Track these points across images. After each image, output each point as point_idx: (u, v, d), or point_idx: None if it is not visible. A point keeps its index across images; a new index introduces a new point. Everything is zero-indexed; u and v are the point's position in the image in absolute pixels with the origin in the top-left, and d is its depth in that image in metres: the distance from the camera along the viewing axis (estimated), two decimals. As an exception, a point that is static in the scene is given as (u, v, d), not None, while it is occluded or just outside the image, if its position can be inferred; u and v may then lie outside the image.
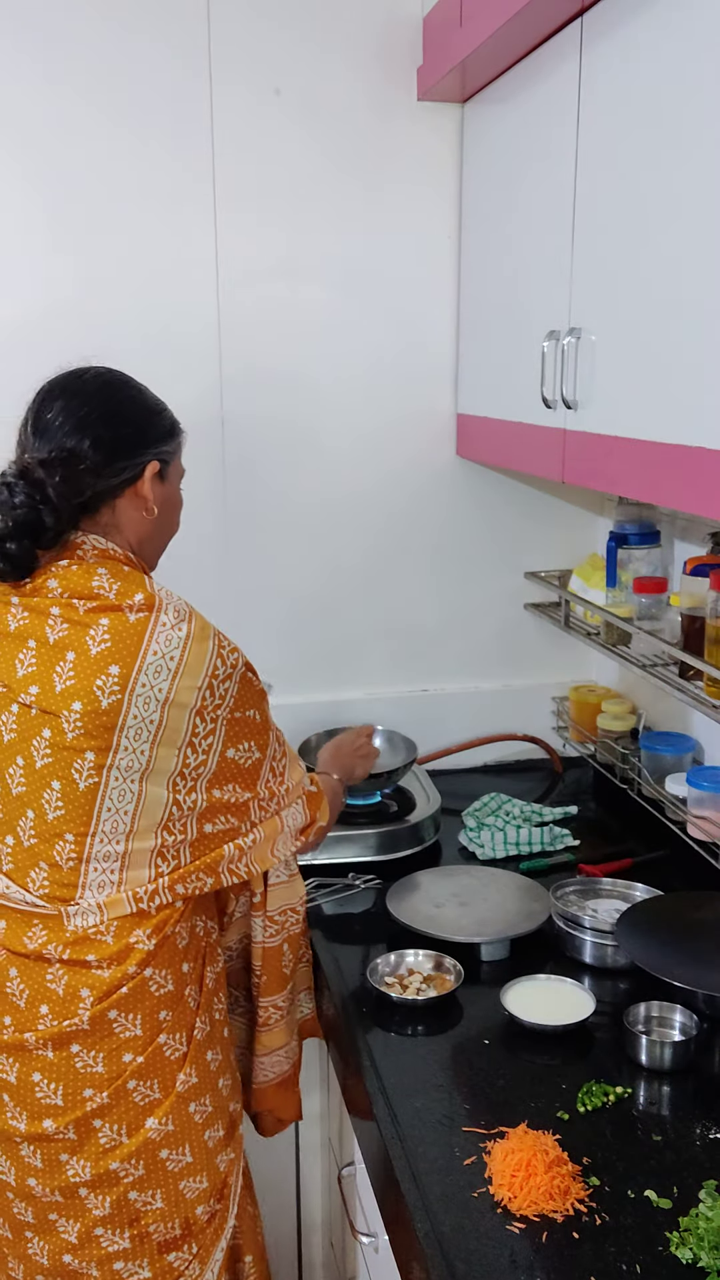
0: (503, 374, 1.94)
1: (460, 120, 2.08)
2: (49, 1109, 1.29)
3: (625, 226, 1.44)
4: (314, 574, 2.23)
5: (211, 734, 1.26)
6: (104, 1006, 1.27)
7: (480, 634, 2.36)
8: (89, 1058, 1.28)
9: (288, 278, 2.08)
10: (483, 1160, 1.24)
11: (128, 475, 1.32)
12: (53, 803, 1.24)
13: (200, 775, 1.27)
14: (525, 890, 1.78)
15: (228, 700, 1.27)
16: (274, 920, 1.50)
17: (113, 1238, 1.32)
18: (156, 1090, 1.32)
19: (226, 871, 1.32)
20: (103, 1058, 1.29)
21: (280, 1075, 1.58)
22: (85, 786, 1.23)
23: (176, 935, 1.32)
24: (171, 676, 1.22)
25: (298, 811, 1.39)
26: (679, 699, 1.73)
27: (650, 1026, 1.46)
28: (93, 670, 1.21)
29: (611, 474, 1.51)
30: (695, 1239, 1.10)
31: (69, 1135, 1.29)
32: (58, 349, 1.97)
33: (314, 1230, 1.94)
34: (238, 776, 1.30)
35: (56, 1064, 1.28)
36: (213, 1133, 1.38)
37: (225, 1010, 1.44)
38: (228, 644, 1.28)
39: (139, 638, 1.22)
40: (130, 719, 1.21)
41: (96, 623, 1.23)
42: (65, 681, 1.22)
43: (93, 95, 1.92)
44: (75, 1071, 1.28)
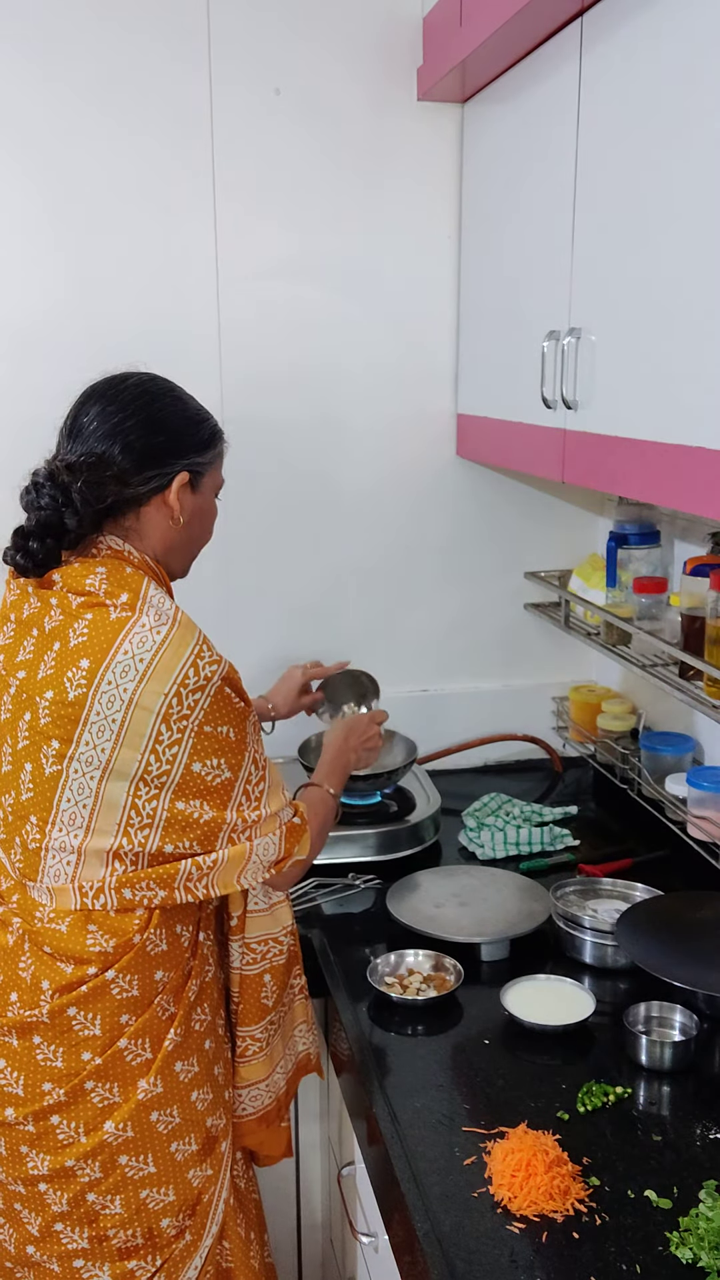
0: (503, 374, 1.94)
1: (460, 120, 2.08)
2: (11, 1098, 1.30)
3: (625, 226, 1.44)
4: (314, 574, 2.23)
5: (177, 743, 1.23)
6: (63, 1001, 1.27)
7: (480, 634, 2.36)
8: (49, 1051, 1.29)
9: (288, 278, 2.08)
10: (483, 1160, 1.24)
11: (156, 484, 1.33)
12: (25, 784, 1.26)
13: (164, 784, 1.24)
14: (525, 890, 1.78)
15: (197, 711, 1.23)
16: (252, 949, 1.45)
17: (71, 1235, 1.31)
18: (116, 1094, 1.29)
19: (182, 888, 1.27)
20: (62, 1053, 1.29)
21: (260, 1110, 1.50)
22: (49, 773, 1.24)
23: (148, 942, 1.29)
24: (139, 678, 1.21)
25: (271, 843, 1.31)
26: (679, 699, 1.73)
27: (650, 1026, 1.46)
28: (66, 662, 1.23)
29: (611, 474, 1.51)
30: (695, 1239, 1.10)
31: (28, 1127, 1.29)
32: (58, 349, 2.00)
33: (314, 1230, 1.93)
34: (204, 793, 1.25)
35: (19, 1053, 1.29)
36: (182, 1146, 1.34)
37: (212, 1024, 1.40)
38: (209, 655, 1.25)
39: (114, 635, 1.22)
40: (93, 715, 1.21)
41: (81, 616, 1.25)
42: (47, 670, 1.24)
43: (93, 95, 1.92)
44: (36, 1063, 1.29)
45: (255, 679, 2.23)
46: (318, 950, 1.70)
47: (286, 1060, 1.55)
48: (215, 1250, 1.40)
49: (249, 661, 2.23)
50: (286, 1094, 1.55)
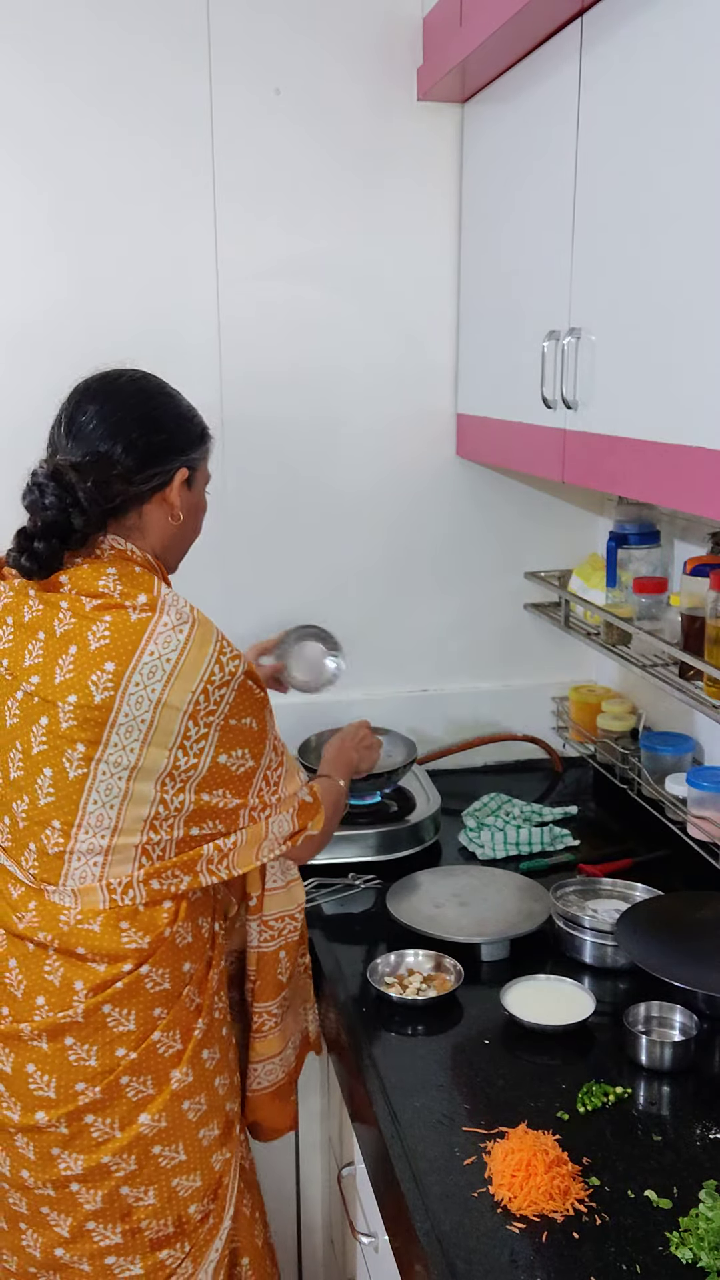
0: (503, 374, 1.94)
1: (460, 120, 2.08)
2: (42, 1101, 1.29)
3: (625, 226, 1.44)
4: (313, 574, 2.23)
5: (204, 738, 1.26)
6: (98, 1000, 1.28)
7: (480, 634, 2.36)
8: (82, 1051, 1.29)
9: (288, 278, 2.08)
10: (483, 1160, 1.24)
11: (157, 481, 1.34)
12: (44, 789, 1.25)
13: (190, 778, 1.26)
14: (525, 890, 1.78)
15: (223, 706, 1.26)
16: (270, 926, 1.49)
17: (104, 1232, 1.32)
18: (150, 1086, 1.32)
19: (205, 871, 1.32)
20: (96, 1051, 1.29)
21: (274, 1084, 1.55)
22: (74, 776, 1.24)
23: (176, 935, 1.32)
24: (166, 679, 1.22)
25: (285, 820, 1.37)
26: (679, 699, 1.73)
27: (650, 1026, 1.46)
28: (89, 665, 1.22)
29: (611, 474, 1.51)
30: (695, 1239, 1.10)
31: (60, 1129, 1.29)
32: (58, 349, 1.99)
33: (314, 1230, 1.93)
34: (228, 782, 1.30)
35: (50, 1055, 1.29)
36: (207, 1131, 1.38)
37: (226, 1010, 1.44)
38: (230, 651, 1.28)
39: (137, 637, 1.22)
40: (121, 716, 1.21)
41: (100, 619, 1.24)
42: (65, 674, 1.23)
43: (93, 94, 1.92)
44: (68, 1064, 1.29)
45: (255, 679, 2.24)
46: (318, 950, 1.70)
47: (295, 1036, 1.58)
48: (231, 1231, 1.43)
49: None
50: (296, 1068, 1.59)
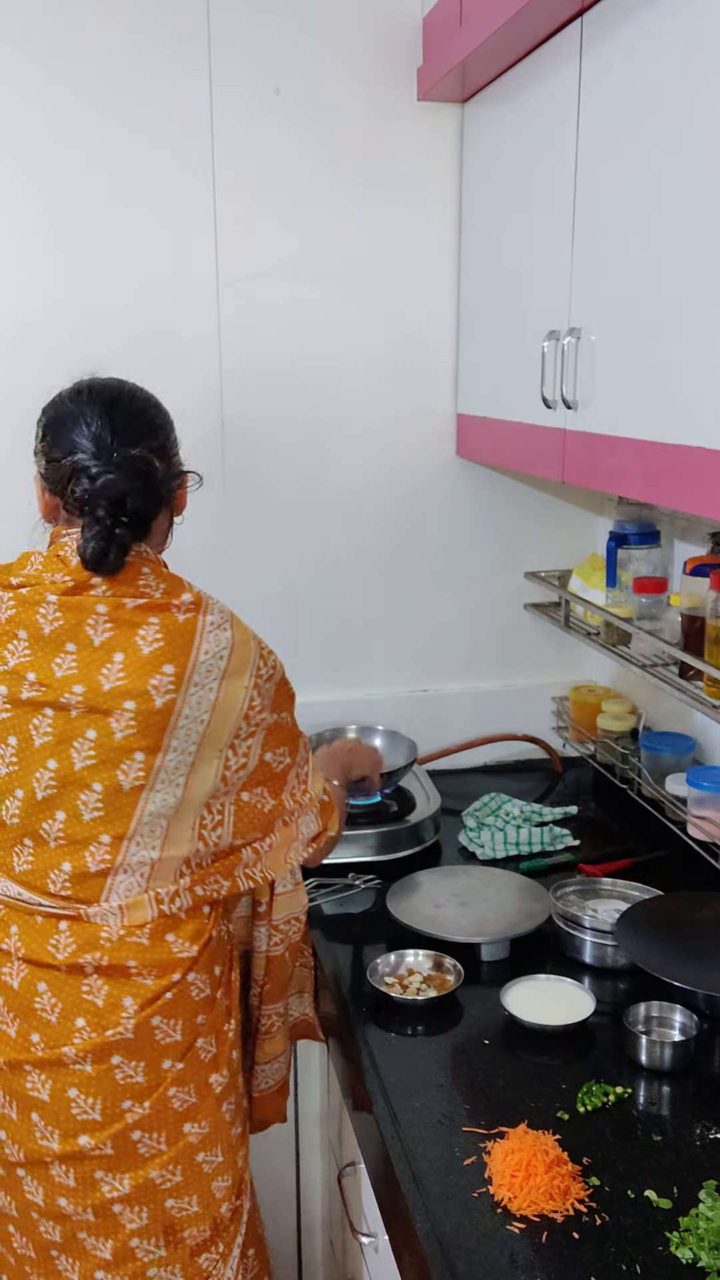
0: (503, 374, 1.94)
1: (460, 120, 2.08)
2: (86, 1125, 1.26)
3: (625, 226, 1.44)
4: (314, 574, 2.23)
5: (252, 736, 1.28)
6: (148, 1014, 1.26)
7: (480, 634, 2.36)
8: (130, 1068, 1.27)
9: (287, 277, 2.08)
10: (483, 1160, 1.24)
11: (176, 484, 1.36)
12: (90, 804, 1.23)
13: (239, 779, 1.28)
14: (525, 890, 1.78)
15: (268, 701, 1.29)
16: (279, 929, 1.50)
17: (149, 1248, 1.30)
18: (193, 1094, 1.31)
19: (242, 875, 1.33)
20: (144, 1067, 1.27)
21: (280, 1081, 1.57)
22: (130, 787, 1.22)
23: (214, 939, 1.33)
24: (221, 676, 1.24)
25: (311, 820, 1.39)
26: (679, 699, 1.73)
27: (650, 1026, 1.46)
28: (146, 669, 1.21)
29: (611, 474, 1.51)
30: (695, 1239, 1.10)
31: (106, 1150, 1.26)
32: (58, 349, 1.99)
33: (314, 1230, 1.93)
34: (267, 780, 1.32)
35: (96, 1078, 1.26)
36: (235, 1130, 1.39)
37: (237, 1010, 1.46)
38: (265, 645, 1.31)
39: (190, 637, 1.23)
40: (182, 720, 1.22)
41: (146, 621, 1.23)
42: (115, 681, 1.21)
43: (92, 94, 1.92)
44: (115, 1084, 1.26)
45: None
46: (318, 950, 1.70)
47: (288, 1029, 1.60)
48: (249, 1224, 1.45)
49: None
50: (291, 1059, 1.62)
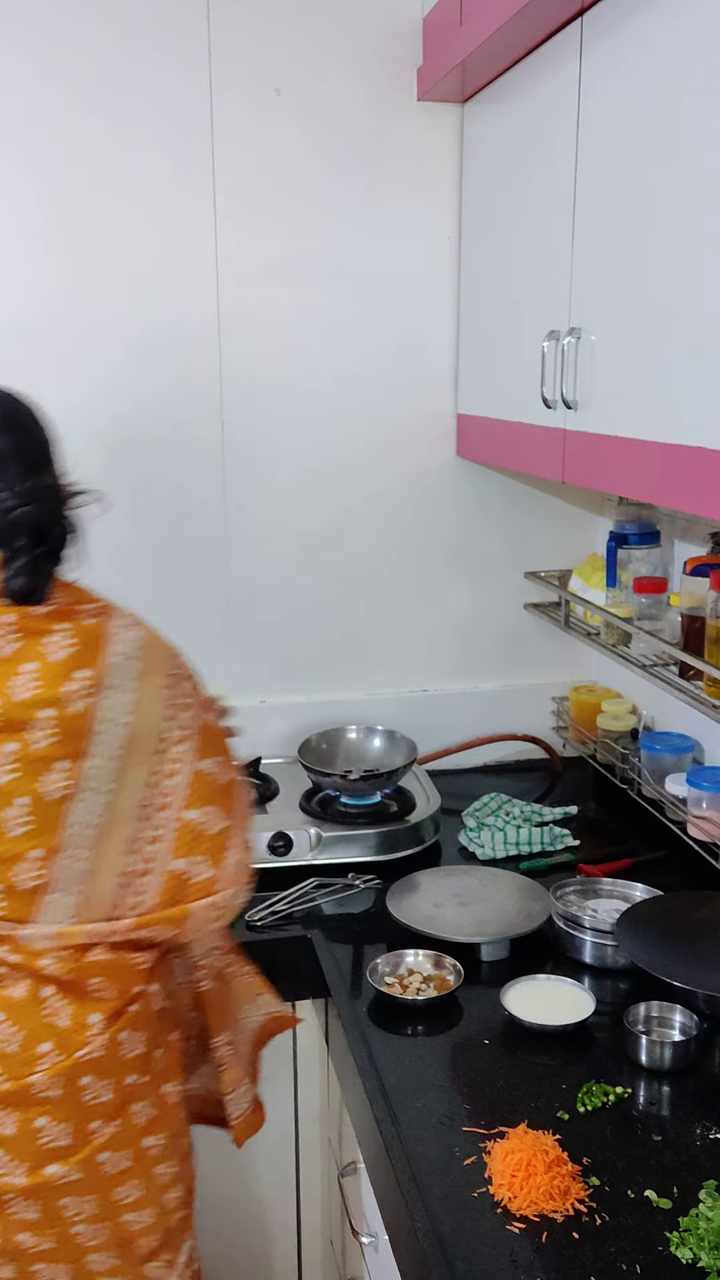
0: (503, 374, 1.94)
1: (460, 120, 2.08)
2: (55, 1152, 1.23)
3: (625, 226, 1.44)
4: (313, 574, 2.23)
5: (183, 740, 1.24)
6: (116, 1028, 1.24)
7: (480, 634, 2.36)
8: (99, 1087, 1.24)
9: (287, 278, 2.08)
10: (483, 1160, 1.24)
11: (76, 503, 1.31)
12: (18, 819, 1.19)
13: (174, 790, 1.23)
14: (525, 890, 1.78)
15: (194, 701, 1.26)
16: (200, 967, 1.43)
17: (104, 1259, 1.29)
18: (152, 1107, 1.29)
19: (192, 922, 1.27)
20: (111, 1084, 1.25)
21: (252, 1102, 1.51)
22: (56, 797, 1.19)
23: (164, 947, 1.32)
24: (138, 676, 1.21)
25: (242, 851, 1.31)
26: (679, 699, 1.73)
27: (650, 1026, 1.46)
28: (59, 676, 1.18)
29: (611, 474, 1.51)
30: (695, 1239, 1.10)
31: (74, 1176, 1.24)
32: (57, 350, 2.00)
33: (314, 1230, 1.93)
34: (214, 797, 1.26)
35: (63, 1102, 1.22)
36: (185, 1139, 1.37)
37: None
38: (174, 647, 1.28)
39: (100, 639, 1.20)
40: (103, 724, 1.19)
41: (53, 628, 1.20)
42: (29, 690, 1.18)
43: (92, 95, 1.92)
44: (83, 1106, 1.23)
45: (254, 680, 2.24)
46: (318, 950, 1.70)
47: (247, 1046, 1.53)
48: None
49: (248, 663, 2.23)
50: (256, 1071, 1.54)
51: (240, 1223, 1.87)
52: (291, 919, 1.77)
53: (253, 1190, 1.87)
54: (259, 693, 2.25)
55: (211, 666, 1.34)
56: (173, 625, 1.37)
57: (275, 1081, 1.79)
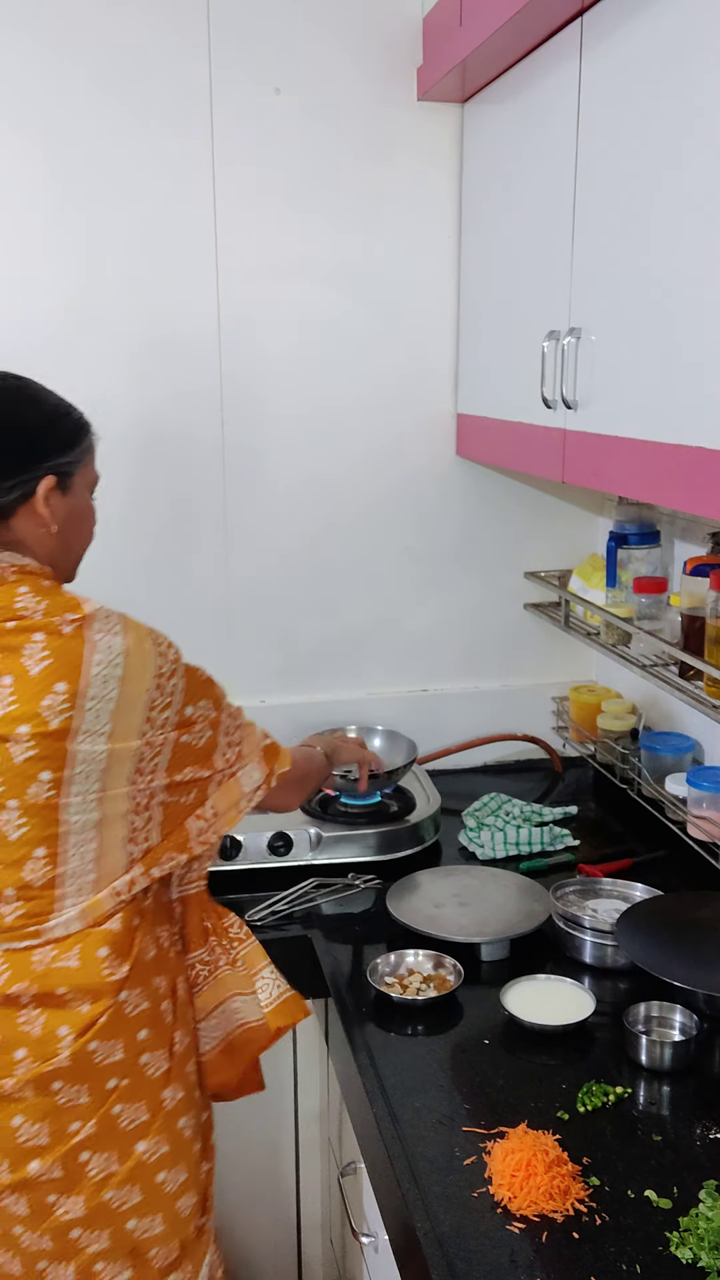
0: (503, 374, 1.94)
1: (460, 120, 2.08)
2: (34, 1150, 1.23)
3: (625, 226, 1.44)
4: (313, 574, 2.23)
5: (165, 726, 1.25)
6: (85, 1040, 1.24)
7: (480, 634, 2.36)
8: (72, 1092, 1.24)
9: (288, 278, 2.08)
10: (483, 1160, 1.24)
11: (19, 492, 1.24)
12: (14, 823, 1.19)
13: (158, 765, 1.26)
14: (525, 890, 1.78)
15: (177, 696, 1.25)
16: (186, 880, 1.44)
17: (115, 1269, 1.28)
18: (144, 1112, 1.29)
19: (196, 843, 1.34)
20: (86, 1089, 1.25)
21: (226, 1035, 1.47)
22: (45, 800, 1.19)
23: (143, 950, 1.30)
24: (120, 683, 1.19)
25: (254, 769, 1.38)
26: (679, 699, 1.73)
27: (650, 1026, 1.46)
28: (38, 691, 1.16)
29: (611, 474, 1.51)
30: (695, 1239, 1.10)
31: (55, 1173, 1.24)
32: (57, 349, 2.00)
33: (314, 1230, 1.93)
34: (193, 759, 1.30)
35: (38, 1104, 1.23)
36: (196, 1145, 1.36)
37: (194, 1025, 1.41)
38: (163, 640, 1.25)
39: (79, 649, 1.18)
40: (82, 735, 1.18)
41: (30, 640, 1.18)
42: (6, 706, 1.16)
43: (92, 95, 1.92)
44: (58, 1108, 1.24)
45: (254, 680, 2.24)
46: (318, 950, 1.70)
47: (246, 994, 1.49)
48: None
49: (248, 663, 2.23)
50: (273, 1032, 1.49)
51: (240, 1222, 1.87)
52: (291, 919, 1.77)
53: (253, 1190, 1.87)
54: (259, 693, 2.25)
55: (212, 666, 1.34)
56: (173, 625, 1.37)
57: (275, 1081, 1.79)
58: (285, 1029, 1.48)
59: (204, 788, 1.33)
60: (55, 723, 1.16)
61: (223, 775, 1.35)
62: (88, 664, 1.17)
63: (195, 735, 1.29)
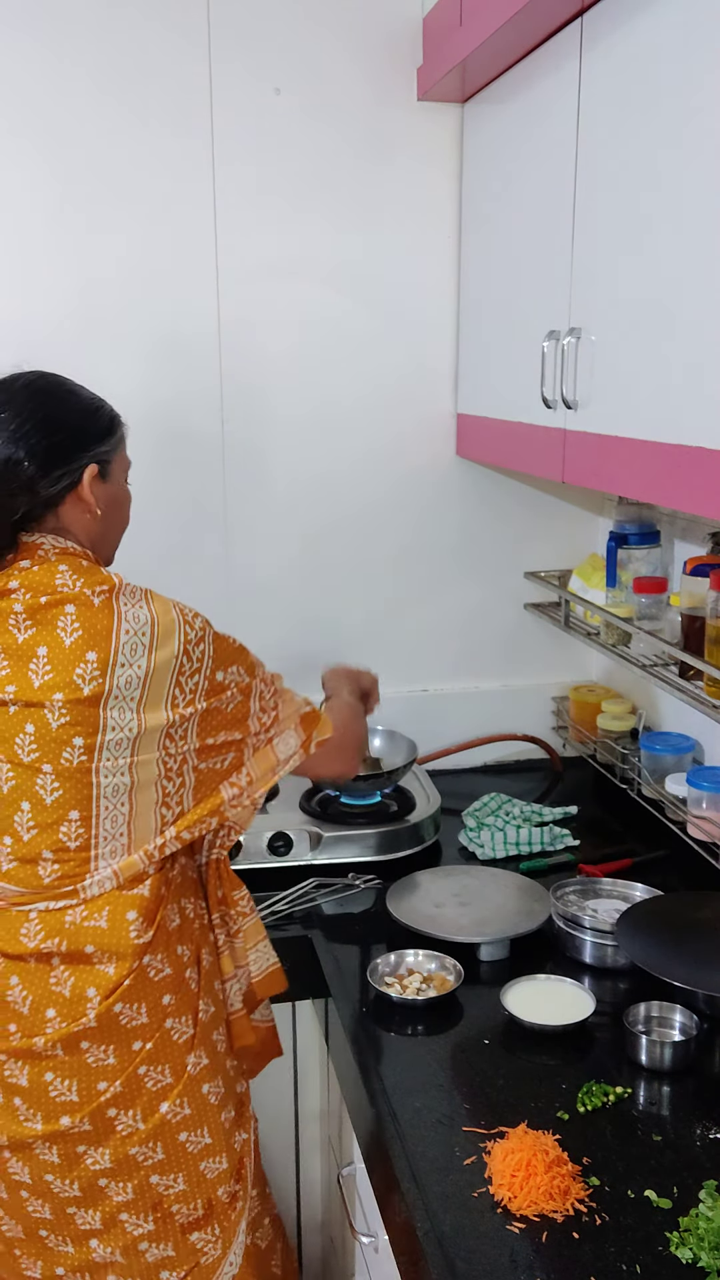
0: (503, 374, 1.94)
1: (460, 120, 2.08)
2: (65, 1106, 1.31)
3: (625, 226, 1.44)
4: (313, 574, 2.23)
5: (194, 690, 1.29)
6: (110, 1001, 1.29)
7: (480, 634, 2.36)
8: (100, 1052, 1.31)
9: (288, 278, 2.08)
10: (483, 1160, 1.24)
11: (67, 481, 1.32)
12: (49, 787, 1.26)
13: (188, 730, 1.30)
14: (525, 890, 1.78)
15: (206, 661, 1.30)
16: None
17: (137, 1221, 1.35)
18: (168, 1075, 1.34)
19: (229, 808, 1.37)
20: (113, 1049, 1.31)
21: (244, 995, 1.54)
22: (79, 765, 1.25)
23: (167, 919, 1.35)
24: (148, 651, 1.25)
25: (290, 736, 1.41)
26: (679, 699, 1.73)
27: (650, 1026, 1.46)
28: (71, 660, 1.23)
29: (611, 474, 1.51)
30: (695, 1239, 1.10)
31: (85, 1127, 1.31)
32: (57, 349, 1.99)
33: (314, 1230, 1.94)
34: (225, 724, 1.33)
35: (68, 1063, 1.30)
36: (226, 1114, 1.41)
37: (223, 999, 1.46)
38: (189, 610, 1.31)
39: (109, 621, 1.24)
40: (113, 700, 1.23)
41: (63, 612, 1.24)
42: (44, 675, 1.23)
43: (92, 95, 1.92)
44: (88, 1067, 1.31)
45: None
46: (318, 950, 1.70)
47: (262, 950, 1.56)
48: (256, 1212, 1.48)
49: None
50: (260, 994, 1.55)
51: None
52: (291, 919, 1.77)
53: (253, 1190, 1.87)
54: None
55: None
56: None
57: (276, 1081, 1.79)
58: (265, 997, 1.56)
59: (240, 751, 1.36)
60: (87, 689, 1.22)
61: (258, 740, 1.38)
62: (116, 633, 1.24)
63: (225, 701, 1.33)
